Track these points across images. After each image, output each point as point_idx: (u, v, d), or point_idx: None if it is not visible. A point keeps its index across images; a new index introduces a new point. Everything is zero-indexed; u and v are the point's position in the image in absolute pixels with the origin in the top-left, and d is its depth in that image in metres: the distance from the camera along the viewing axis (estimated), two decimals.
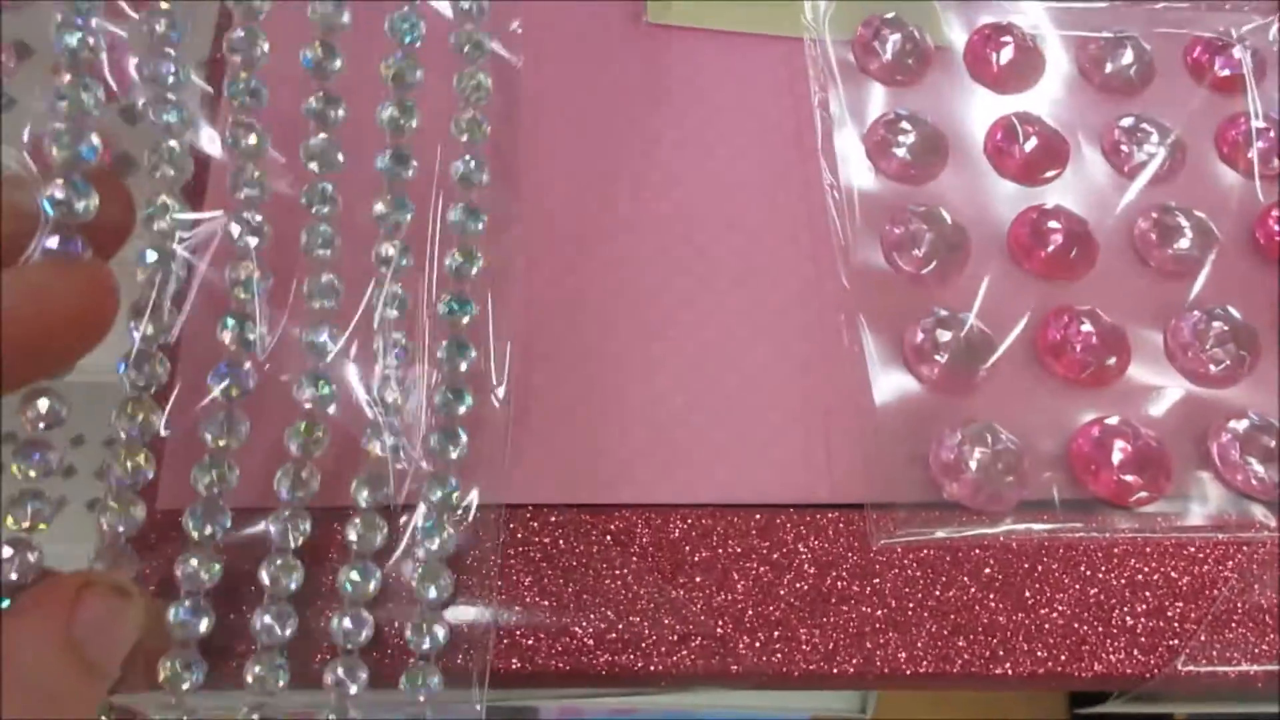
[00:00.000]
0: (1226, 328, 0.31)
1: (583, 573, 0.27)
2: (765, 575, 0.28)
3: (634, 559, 0.28)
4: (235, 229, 0.26)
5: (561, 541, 0.28)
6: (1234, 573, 0.29)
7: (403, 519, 0.26)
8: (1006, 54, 0.36)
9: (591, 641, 0.27)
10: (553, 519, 0.28)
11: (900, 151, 0.33)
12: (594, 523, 0.28)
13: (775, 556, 0.28)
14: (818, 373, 0.31)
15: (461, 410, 0.27)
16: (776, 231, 0.33)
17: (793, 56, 0.35)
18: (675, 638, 0.27)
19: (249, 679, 0.25)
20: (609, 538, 0.28)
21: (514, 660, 0.26)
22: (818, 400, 0.30)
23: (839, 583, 0.28)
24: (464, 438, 0.27)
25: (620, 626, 0.27)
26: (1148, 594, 0.29)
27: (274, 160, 0.28)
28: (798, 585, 0.28)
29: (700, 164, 0.33)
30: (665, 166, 0.33)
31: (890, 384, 0.31)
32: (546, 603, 0.27)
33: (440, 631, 0.26)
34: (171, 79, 0.26)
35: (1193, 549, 0.29)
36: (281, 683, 0.25)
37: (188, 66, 0.27)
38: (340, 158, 0.28)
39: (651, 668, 0.27)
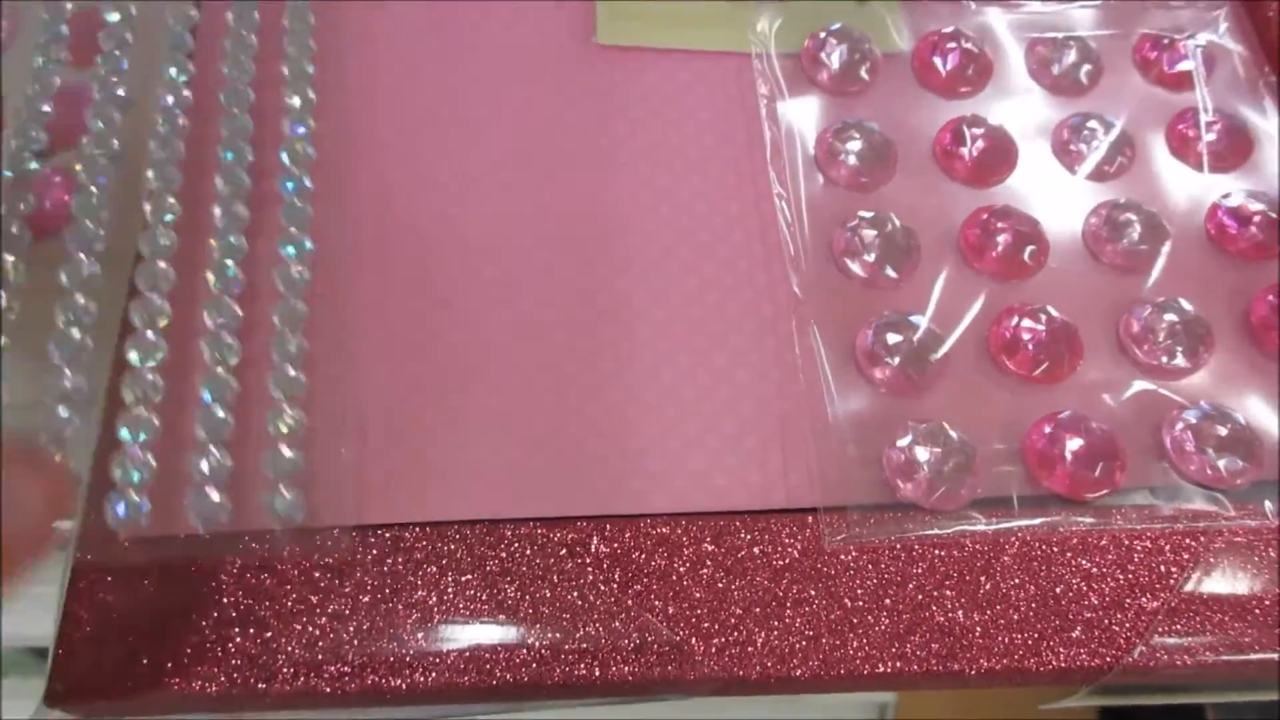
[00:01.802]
0: (1177, 320, 0.32)
1: (539, 585, 0.28)
2: (720, 581, 0.28)
3: (589, 569, 0.28)
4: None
5: (517, 555, 0.28)
6: (1190, 562, 0.29)
7: None
8: (953, 60, 0.36)
9: (548, 653, 0.27)
10: (508, 533, 0.28)
11: (849, 159, 0.34)
12: (549, 535, 0.28)
13: (729, 563, 0.28)
14: (772, 380, 0.31)
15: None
16: (729, 243, 0.33)
17: (742, 71, 0.36)
18: (631, 646, 0.27)
19: None
20: (564, 550, 0.28)
21: (471, 674, 0.27)
22: (772, 407, 0.31)
23: (794, 586, 0.28)
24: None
25: (577, 637, 0.27)
26: (1105, 587, 0.29)
27: None
28: (753, 590, 0.28)
29: (652, 179, 0.34)
30: (618, 183, 0.34)
31: (844, 388, 0.31)
32: (503, 616, 0.27)
33: None
34: None
35: (1149, 540, 0.29)
36: None
37: None
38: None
39: (610, 676, 0.27)
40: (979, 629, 0.28)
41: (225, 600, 0.27)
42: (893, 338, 0.31)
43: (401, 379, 0.30)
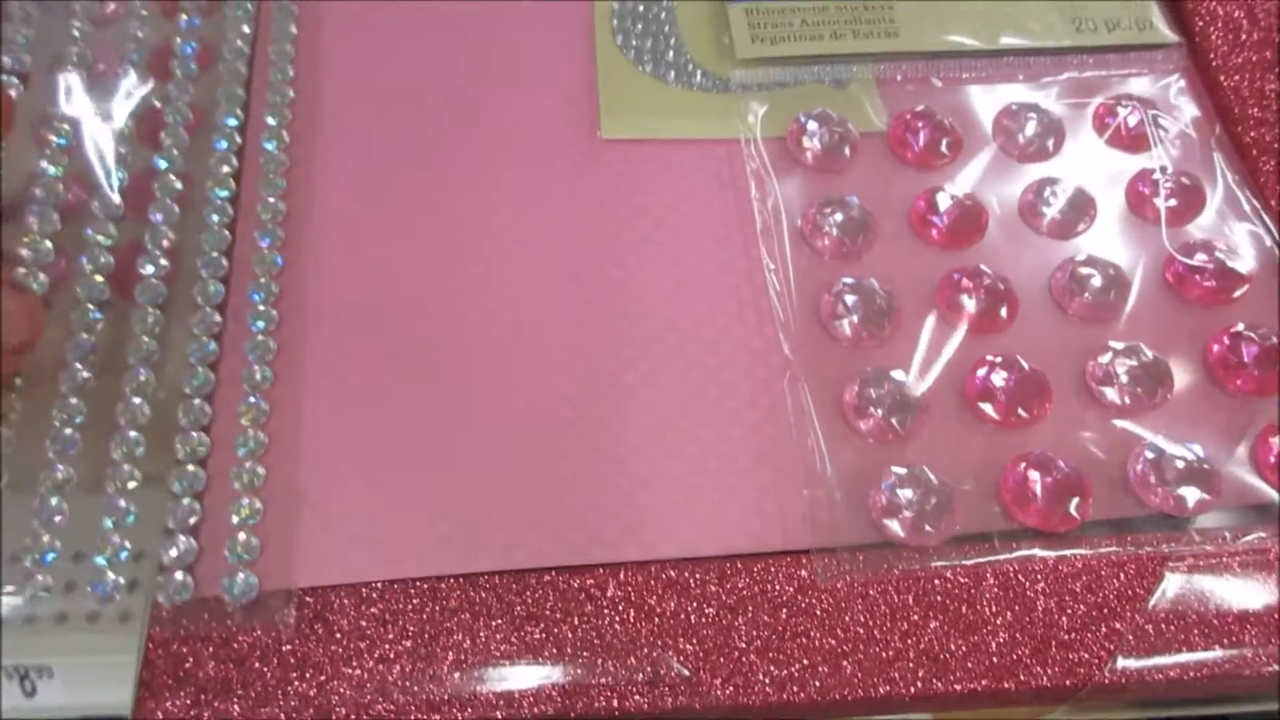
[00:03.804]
0: (1138, 363, 0.35)
1: (561, 627, 0.31)
2: (724, 619, 0.31)
3: (606, 611, 0.31)
4: None
5: (541, 600, 0.31)
6: (1155, 586, 0.32)
7: None
8: (925, 135, 0.40)
9: (570, 687, 0.30)
10: (533, 580, 0.32)
11: (832, 231, 0.37)
12: (569, 582, 0.32)
13: (732, 601, 0.31)
14: (766, 435, 0.34)
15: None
16: (725, 312, 0.37)
17: (733, 156, 0.40)
18: (645, 680, 0.30)
19: None
20: (583, 595, 0.32)
21: (503, 709, 0.30)
22: (768, 460, 0.34)
23: (792, 621, 0.31)
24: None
25: (596, 672, 0.30)
26: (1077, 611, 0.31)
27: None
28: (754, 626, 0.31)
29: (653, 257, 0.38)
30: (622, 262, 0.37)
31: (832, 439, 0.34)
32: (530, 656, 0.31)
33: None
34: None
35: (1117, 567, 0.32)
36: None
37: None
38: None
39: (627, 707, 0.30)
40: (961, 653, 0.31)
41: (285, 648, 0.31)
42: (875, 391, 0.34)
43: (436, 447, 0.34)
